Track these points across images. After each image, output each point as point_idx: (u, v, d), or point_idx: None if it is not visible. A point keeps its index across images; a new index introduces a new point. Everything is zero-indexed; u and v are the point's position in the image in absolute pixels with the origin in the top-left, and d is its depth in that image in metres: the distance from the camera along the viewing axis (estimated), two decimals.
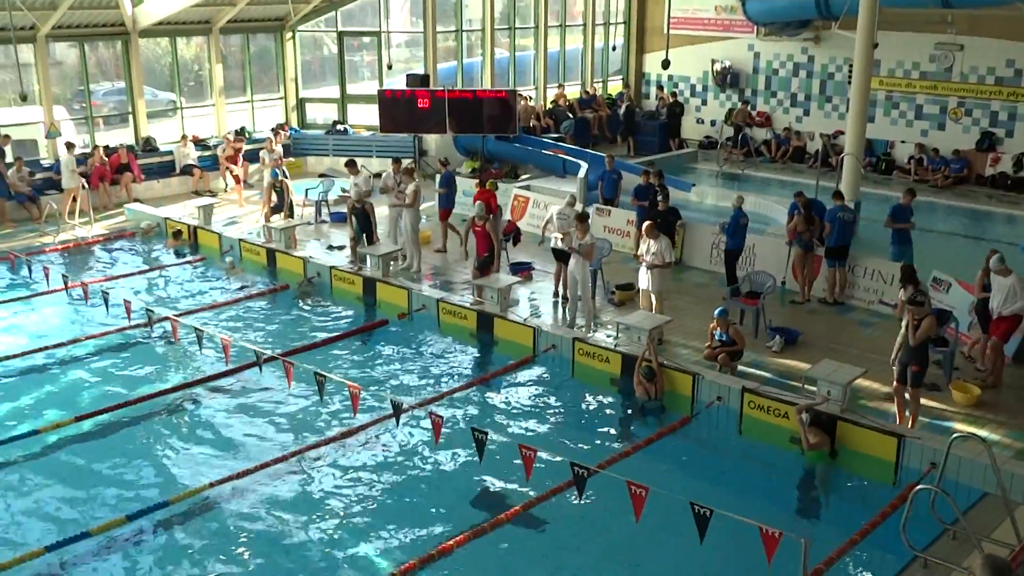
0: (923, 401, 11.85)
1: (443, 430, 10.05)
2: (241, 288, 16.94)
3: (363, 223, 17.32)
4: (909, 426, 11.29)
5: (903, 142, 25.56)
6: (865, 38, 17.79)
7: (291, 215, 20.14)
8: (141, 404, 12.22)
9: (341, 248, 18.39)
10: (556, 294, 15.82)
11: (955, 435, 9.96)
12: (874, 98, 23.77)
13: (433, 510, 10.07)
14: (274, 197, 20.28)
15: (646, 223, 14.71)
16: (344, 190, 18.58)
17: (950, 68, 24.75)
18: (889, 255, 15.80)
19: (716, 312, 13.11)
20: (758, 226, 18.98)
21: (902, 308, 11.69)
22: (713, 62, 29.25)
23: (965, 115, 24.82)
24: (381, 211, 18.29)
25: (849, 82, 20.41)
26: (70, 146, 20.74)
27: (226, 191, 23.33)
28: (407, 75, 24.63)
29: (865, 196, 19.46)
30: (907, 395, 11.48)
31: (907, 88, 25.54)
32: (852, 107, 18.47)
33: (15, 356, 13.63)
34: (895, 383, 11.59)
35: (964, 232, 20.93)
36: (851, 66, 19.41)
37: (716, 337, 12.98)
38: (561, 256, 15.35)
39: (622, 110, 29.08)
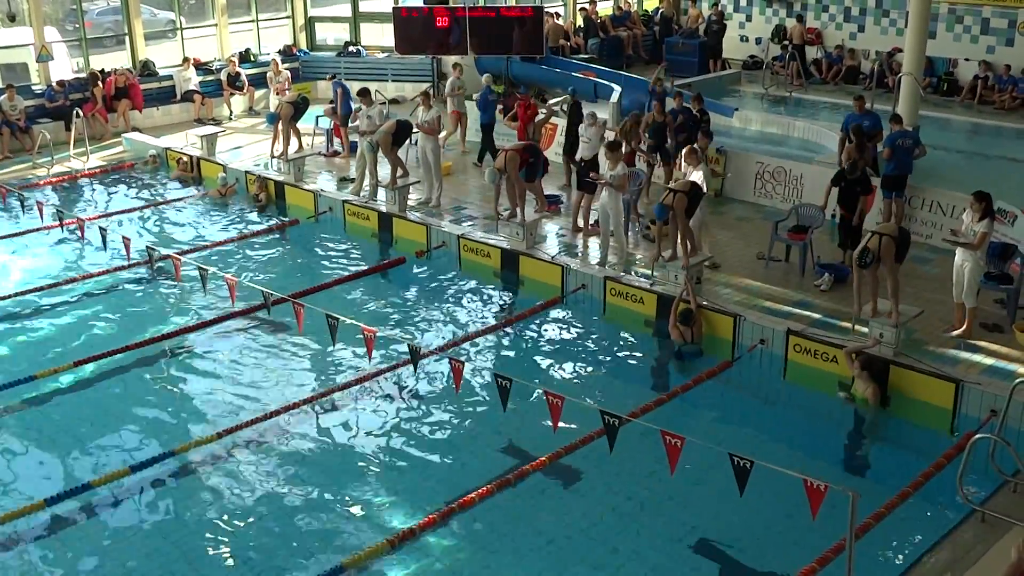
0: (985, 343, 11.73)
1: (464, 376, 10.07)
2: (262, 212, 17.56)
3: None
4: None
5: (967, 60, 25.01)
6: None
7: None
8: (142, 348, 12.30)
9: (353, 180, 18.33)
10: (575, 228, 15.57)
11: (1018, 380, 9.86)
12: (935, 11, 23.17)
13: (453, 461, 10.14)
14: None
15: (686, 148, 14.53)
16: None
17: None
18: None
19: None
20: (808, 154, 18.76)
21: (982, 239, 11.54)
22: None
23: None
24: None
25: None
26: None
27: (231, 119, 23.33)
28: None
29: (924, 120, 19.12)
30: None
31: (972, 0, 24.93)
32: (911, 22, 18.07)
33: (7, 297, 13.75)
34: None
35: None
36: None
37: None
38: (584, 184, 15.22)
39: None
